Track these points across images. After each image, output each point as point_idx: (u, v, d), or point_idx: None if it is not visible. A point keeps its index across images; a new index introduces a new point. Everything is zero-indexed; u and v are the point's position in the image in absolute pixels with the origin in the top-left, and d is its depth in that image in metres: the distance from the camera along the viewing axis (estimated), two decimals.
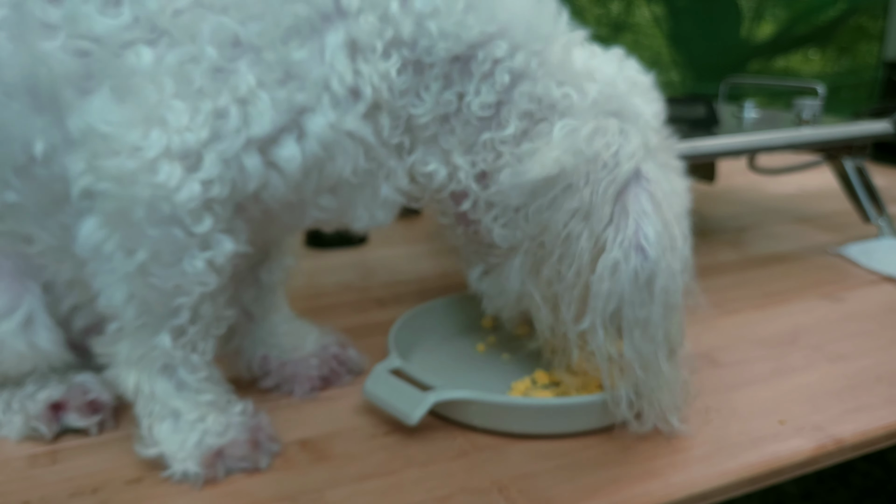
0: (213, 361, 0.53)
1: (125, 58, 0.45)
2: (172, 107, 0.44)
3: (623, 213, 0.49)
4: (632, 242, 0.49)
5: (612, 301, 0.49)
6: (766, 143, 0.93)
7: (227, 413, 0.52)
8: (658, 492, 0.49)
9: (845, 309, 0.79)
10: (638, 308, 0.50)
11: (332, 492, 0.49)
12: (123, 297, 0.48)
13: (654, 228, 0.49)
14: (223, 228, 0.47)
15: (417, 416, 0.53)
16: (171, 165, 0.44)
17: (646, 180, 0.50)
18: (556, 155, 0.50)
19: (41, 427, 0.55)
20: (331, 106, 0.47)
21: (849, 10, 1.77)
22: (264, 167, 0.47)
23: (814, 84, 1.03)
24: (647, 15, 1.70)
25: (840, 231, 1.07)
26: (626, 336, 0.50)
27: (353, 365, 0.64)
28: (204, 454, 0.50)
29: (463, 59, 0.50)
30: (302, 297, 0.82)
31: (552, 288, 0.53)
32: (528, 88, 0.51)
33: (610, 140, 0.50)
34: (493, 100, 0.51)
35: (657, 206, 0.50)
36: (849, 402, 0.60)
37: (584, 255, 0.50)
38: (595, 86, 0.51)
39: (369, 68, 0.48)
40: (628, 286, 0.49)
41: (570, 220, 0.50)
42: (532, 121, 0.52)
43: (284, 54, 0.45)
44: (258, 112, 0.45)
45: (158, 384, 0.51)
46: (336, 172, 0.49)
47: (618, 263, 0.49)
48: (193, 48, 0.44)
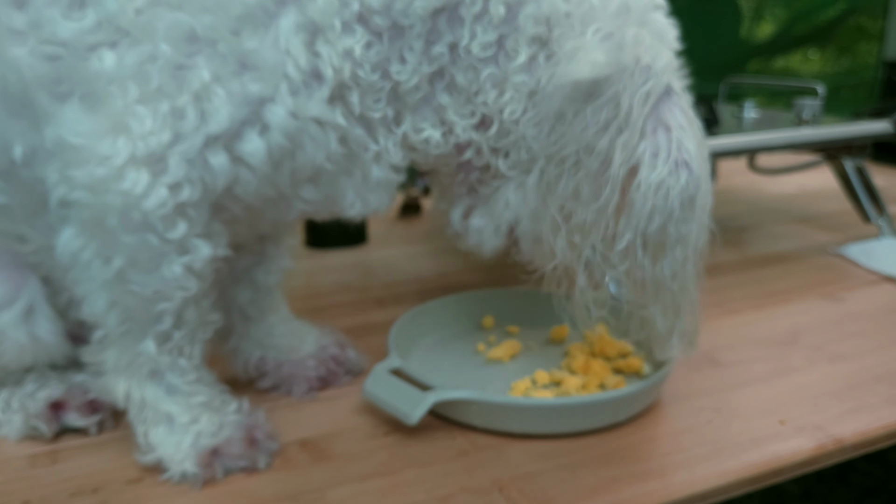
0: (205, 362, 0.53)
1: (90, 62, 0.44)
2: (136, 113, 0.44)
3: (662, 127, 0.48)
4: (677, 159, 0.47)
5: (655, 219, 0.48)
6: (766, 143, 0.93)
7: (221, 413, 0.52)
8: (658, 492, 0.49)
9: (845, 309, 0.79)
10: (682, 225, 0.48)
11: (332, 492, 0.49)
12: (104, 305, 0.48)
13: (692, 144, 0.48)
14: (199, 233, 0.47)
15: (417, 416, 0.53)
16: (137, 172, 0.44)
17: (677, 95, 0.49)
18: (605, 56, 0.47)
19: (41, 426, 0.55)
20: (290, 93, 0.45)
21: (849, 9, 1.77)
22: (231, 163, 0.46)
23: (814, 84, 1.03)
24: None
25: (840, 231, 1.07)
26: (669, 254, 0.49)
27: (351, 365, 0.64)
28: (200, 454, 0.50)
29: (448, 8, 0.48)
30: (301, 298, 0.82)
31: (570, 205, 0.50)
32: (532, 10, 0.49)
33: (642, 50, 0.48)
34: (493, 37, 0.49)
35: (691, 122, 0.49)
36: (849, 402, 0.60)
37: (619, 169, 0.47)
38: None
39: (328, 49, 0.46)
40: (677, 203, 0.47)
41: (604, 134, 0.48)
42: (542, 44, 0.49)
43: (237, 45, 0.44)
44: (214, 108, 0.44)
45: (148, 390, 0.51)
46: (308, 161, 0.48)
47: (664, 180, 0.47)
48: (150, 47, 0.44)
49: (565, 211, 0.51)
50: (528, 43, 0.49)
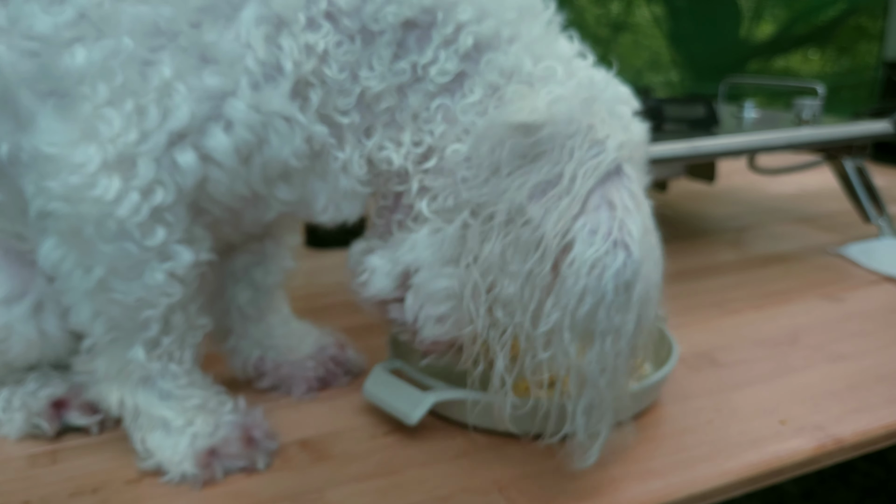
0: (202, 363, 0.53)
1: (63, 58, 0.44)
2: (104, 115, 0.43)
3: (606, 204, 0.43)
4: (617, 238, 0.43)
5: (586, 301, 0.43)
6: (766, 143, 0.93)
7: (217, 413, 0.52)
8: (658, 492, 0.49)
9: (845, 309, 0.79)
10: (614, 312, 0.43)
11: (332, 492, 0.49)
12: (89, 314, 0.48)
13: (637, 227, 0.43)
14: (180, 239, 0.47)
15: (417, 416, 0.53)
16: (108, 178, 0.43)
17: (627, 178, 0.45)
18: (543, 104, 0.44)
19: (43, 424, 0.55)
20: (250, 87, 0.44)
21: (848, 10, 1.77)
22: (199, 161, 0.45)
23: (814, 84, 1.03)
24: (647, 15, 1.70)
25: (840, 231, 1.07)
26: (597, 343, 0.44)
27: (351, 366, 0.64)
28: (197, 455, 0.50)
29: (420, 24, 0.47)
30: (301, 297, 0.81)
31: (494, 271, 0.46)
32: (497, 58, 0.47)
33: (598, 123, 0.45)
34: (453, 67, 0.47)
35: (639, 206, 0.45)
36: (849, 402, 0.60)
37: (551, 241, 0.43)
38: (582, 73, 0.47)
39: (290, 42, 0.44)
40: (611, 286, 0.43)
41: (539, 195, 0.44)
42: (490, 94, 0.47)
43: (197, 38, 0.44)
44: (175, 104, 0.43)
45: (140, 397, 0.51)
46: (275, 156, 0.47)
47: (599, 259, 0.42)
48: (114, 41, 0.43)
49: (489, 279, 0.46)
50: (483, 87, 0.47)
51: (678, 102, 1.02)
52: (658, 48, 1.71)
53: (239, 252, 0.61)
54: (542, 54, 0.47)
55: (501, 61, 0.47)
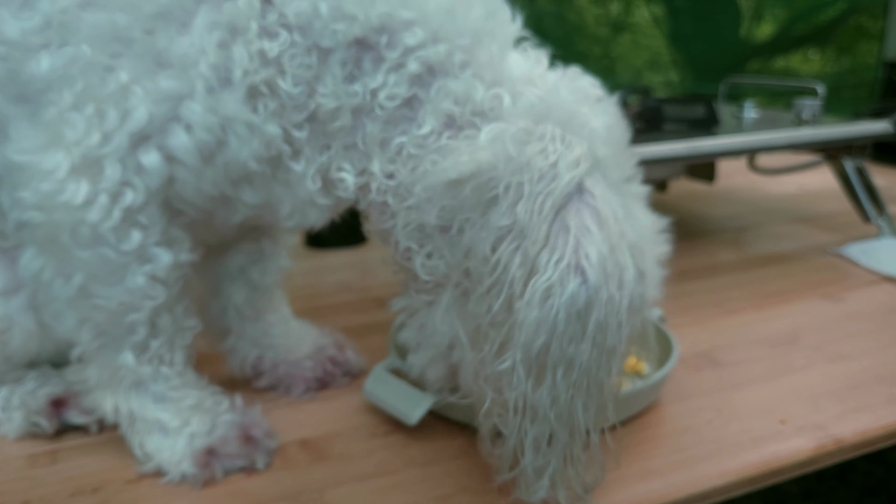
0: (195, 364, 0.53)
1: (29, 64, 0.45)
2: (68, 120, 0.44)
3: (562, 230, 0.41)
4: (570, 263, 0.40)
5: (540, 333, 0.40)
6: (766, 143, 0.93)
7: (213, 413, 0.52)
8: (658, 492, 0.49)
9: (845, 309, 0.79)
10: (566, 343, 0.40)
11: (332, 492, 0.49)
12: (74, 322, 0.48)
13: (597, 249, 0.40)
14: (157, 241, 0.47)
15: (417, 416, 0.53)
16: (76, 182, 0.44)
17: (590, 195, 0.41)
18: (478, 154, 0.42)
19: (42, 422, 0.55)
20: (205, 91, 0.44)
21: (849, 10, 1.77)
22: (163, 161, 0.45)
23: (814, 84, 1.03)
24: (646, 15, 1.70)
25: (840, 231, 1.07)
26: (548, 375, 0.41)
27: (349, 367, 0.64)
28: (195, 454, 0.50)
29: (372, 45, 0.46)
30: (301, 297, 0.81)
31: (479, 327, 0.44)
32: (448, 85, 0.45)
33: (547, 146, 0.42)
34: (403, 92, 0.46)
35: (603, 225, 0.41)
36: (849, 402, 0.60)
37: (516, 283, 0.41)
38: (534, 90, 0.45)
39: (241, 50, 0.44)
40: (562, 314, 0.39)
41: (500, 242, 0.41)
42: (455, 127, 0.45)
43: (151, 44, 0.44)
44: (132, 106, 0.44)
45: (134, 401, 0.51)
46: (234, 158, 0.46)
47: (551, 287, 0.40)
48: (75, 48, 0.44)
49: (471, 333, 0.45)
50: (436, 116, 0.46)
51: (678, 102, 1.02)
52: (658, 48, 1.71)
53: (235, 251, 0.61)
54: (492, 79, 0.46)
55: (454, 88, 0.45)
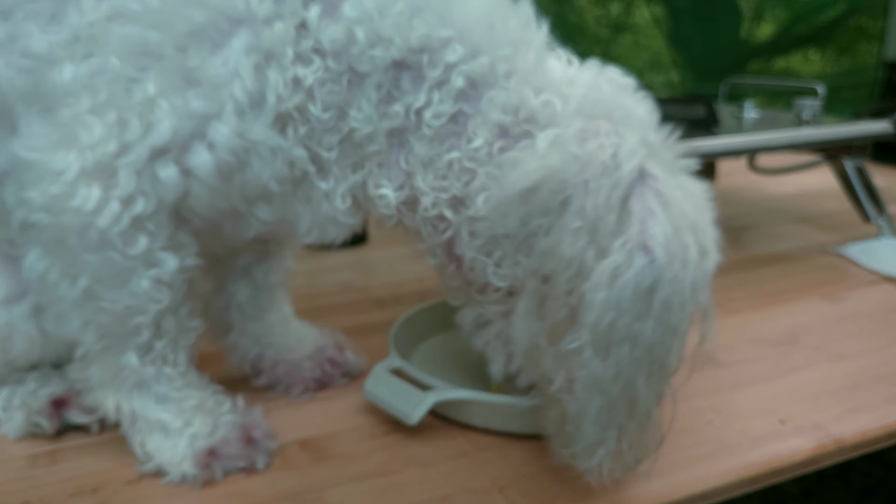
0: (197, 364, 0.53)
1: (52, 74, 0.44)
2: (84, 122, 0.43)
3: (628, 215, 0.42)
4: (636, 242, 0.41)
5: (607, 312, 0.41)
6: (766, 143, 0.93)
7: (215, 413, 0.52)
8: (658, 492, 0.49)
9: (845, 309, 0.79)
10: (632, 320, 0.41)
11: (332, 492, 0.49)
12: (79, 323, 0.48)
13: (662, 230, 0.41)
14: (164, 246, 0.47)
15: (417, 416, 0.53)
16: (88, 188, 0.43)
17: (651, 178, 0.43)
18: (540, 161, 0.43)
19: (43, 422, 0.55)
20: (235, 113, 0.44)
21: (849, 10, 1.77)
22: (180, 176, 0.45)
23: (814, 84, 1.03)
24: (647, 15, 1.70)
25: (840, 231, 1.07)
26: (613, 353, 0.42)
27: (349, 368, 0.64)
28: (197, 455, 0.50)
29: (413, 66, 0.46)
30: (302, 297, 0.81)
31: (558, 325, 0.45)
32: (498, 96, 0.46)
33: (604, 141, 0.43)
34: (450, 109, 0.46)
35: (666, 206, 0.42)
36: (849, 402, 0.60)
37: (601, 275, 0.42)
38: (578, 90, 0.46)
39: (277, 75, 0.45)
40: (629, 292, 0.41)
41: (576, 241, 0.42)
42: (508, 137, 0.46)
43: (182, 61, 0.44)
44: (157, 119, 0.43)
45: (136, 401, 0.51)
46: (255, 178, 0.47)
47: (618, 267, 0.41)
48: (101, 59, 0.44)
49: (551, 332, 0.45)
50: (489, 128, 0.46)
51: (678, 102, 1.02)
52: (658, 48, 1.71)
53: (241, 250, 0.61)
54: (538, 86, 0.47)
55: (503, 98, 0.46)
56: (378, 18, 0.45)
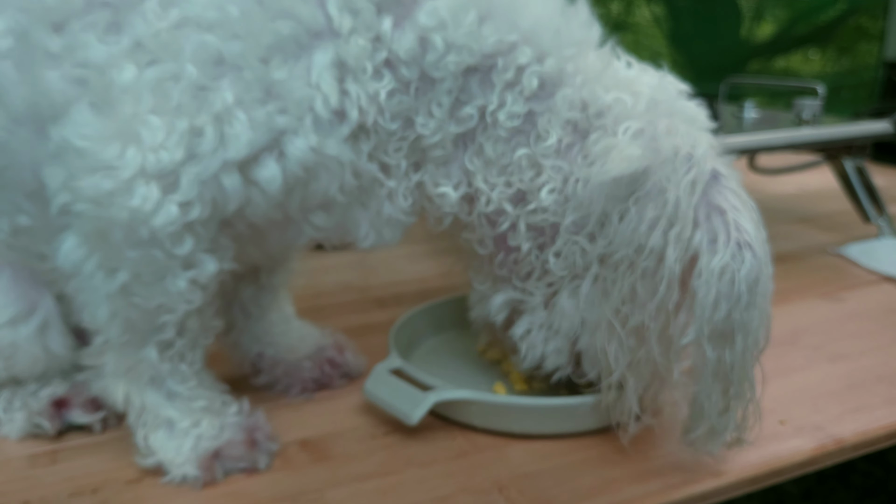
0: (205, 364, 0.53)
1: (109, 73, 0.44)
2: (148, 122, 0.43)
3: (716, 211, 0.46)
4: (738, 240, 0.45)
5: (721, 307, 0.45)
6: (766, 143, 0.93)
7: (222, 415, 0.52)
8: (658, 492, 0.49)
9: (845, 309, 0.79)
10: (745, 311, 0.45)
11: (332, 492, 0.49)
12: (106, 315, 0.48)
13: (751, 225, 0.46)
14: (206, 248, 0.46)
15: (417, 416, 0.53)
16: (147, 187, 0.43)
17: (724, 178, 0.47)
18: (638, 150, 0.46)
19: (44, 423, 0.55)
20: (313, 128, 0.45)
21: (849, 10, 1.77)
22: (244, 186, 0.45)
23: (814, 84, 1.03)
24: (647, 15, 1.70)
25: (840, 231, 1.07)
26: (730, 343, 0.46)
27: (348, 369, 0.64)
28: (200, 457, 0.50)
29: (481, 69, 0.48)
30: (302, 297, 0.81)
31: (626, 308, 0.48)
32: (569, 93, 0.49)
33: (683, 139, 0.47)
34: (522, 109, 0.49)
35: (744, 203, 0.46)
36: (849, 402, 0.60)
37: (675, 265, 0.45)
38: (647, 90, 0.49)
39: (358, 89, 0.46)
40: (744, 287, 0.44)
41: (653, 230, 0.45)
42: (577, 132, 0.49)
43: (264, 73, 0.44)
44: (235, 133, 0.43)
45: (148, 396, 0.51)
46: (321, 191, 0.47)
47: (727, 265, 0.44)
48: (174, 66, 0.43)
49: (621, 315, 0.48)
50: (561, 125, 0.49)
51: None
52: (658, 48, 1.71)
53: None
54: (607, 84, 0.49)
55: (573, 96, 0.49)
56: (452, 26, 0.46)
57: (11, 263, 0.54)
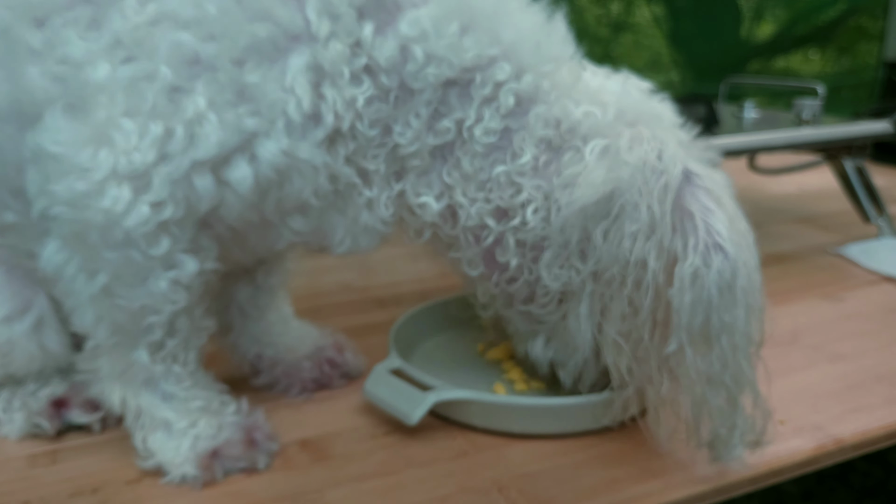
0: (203, 364, 0.53)
1: (84, 71, 0.44)
2: (121, 126, 0.43)
3: (687, 216, 0.45)
4: (707, 243, 0.44)
5: (697, 312, 0.44)
6: (766, 143, 0.93)
7: (220, 415, 0.52)
8: (658, 492, 0.49)
9: (845, 309, 0.79)
10: (724, 312, 0.45)
11: (332, 492, 0.49)
12: (93, 318, 0.48)
13: (722, 224, 0.45)
14: (185, 248, 0.46)
15: (417, 416, 0.53)
16: (118, 188, 0.43)
17: (697, 177, 0.47)
18: (602, 173, 0.46)
19: (43, 423, 0.55)
20: (285, 131, 0.44)
21: (849, 10, 1.77)
22: (216, 186, 0.45)
23: (814, 84, 1.03)
24: (647, 15, 1.70)
25: (840, 231, 1.07)
26: (714, 346, 0.45)
27: (348, 369, 0.64)
28: (199, 456, 0.50)
29: (460, 83, 0.48)
30: (302, 297, 0.81)
31: (627, 323, 0.48)
32: (543, 111, 0.48)
33: (648, 146, 0.46)
34: (498, 125, 0.48)
35: (718, 201, 0.46)
36: (849, 402, 0.60)
37: (657, 274, 0.46)
38: (613, 98, 0.49)
39: (334, 93, 0.45)
40: (714, 290, 0.44)
41: (635, 243, 0.46)
42: (552, 149, 0.49)
43: (237, 75, 0.43)
44: (205, 133, 0.43)
45: (144, 398, 0.51)
46: (295, 193, 0.47)
47: (698, 269, 0.44)
48: (149, 64, 0.43)
49: (623, 330, 0.49)
50: (535, 143, 0.49)
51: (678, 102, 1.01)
52: (658, 48, 1.71)
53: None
54: (578, 98, 0.49)
55: (548, 114, 0.48)
56: (434, 38, 0.46)
57: (5, 261, 0.54)
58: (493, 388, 0.61)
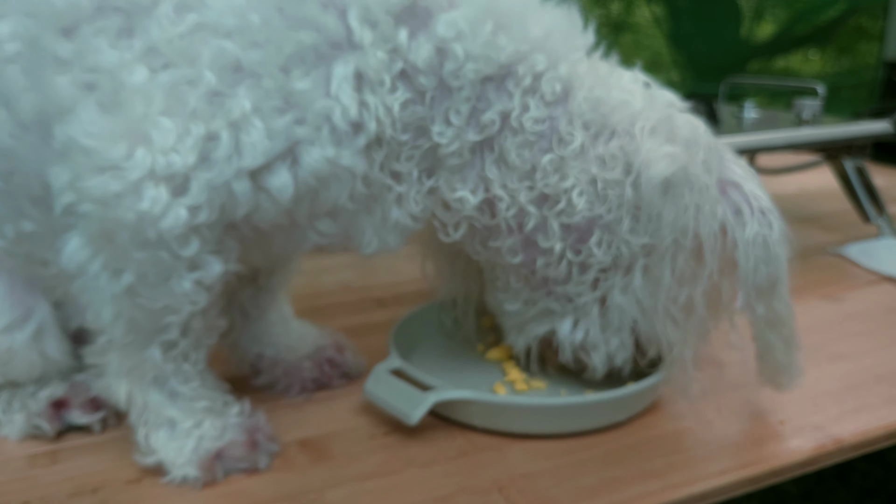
0: (208, 364, 0.53)
1: (118, 76, 0.43)
2: (159, 123, 0.42)
3: (730, 185, 0.51)
4: (760, 209, 0.50)
5: (761, 269, 0.50)
6: (766, 143, 0.93)
7: (224, 416, 0.52)
8: (658, 492, 0.49)
9: (845, 309, 0.79)
10: (782, 264, 0.51)
11: (332, 492, 0.49)
12: (111, 316, 0.47)
13: (760, 189, 0.51)
14: (212, 250, 0.46)
15: (417, 416, 0.53)
16: (156, 189, 0.42)
17: (724, 151, 0.52)
18: (668, 149, 0.49)
19: (43, 424, 0.54)
20: (330, 139, 0.45)
21: (849, 10, 1.77)
22: (254, 192, 0.45)
23: (814, 84, 1.03)
24: (647, 15, 1.70)
25: (840, 231, 1.07)
26: (776, 295, 0.52)
27: (348, 369, 0.64)
28: (202, 458, 0.50)
29: (495, 78, 0.49)
30: (302, 297, 0.81)
31: (684, 290, 0.52)
32: (583, 96, 0.51)
33: (685, 126, 0.51)
34: (544, 114, 0.50)
35: (746, 171, 0.52)
36: (849, 402, 0.60)
37: (713, 240, 0.50)
38: (640, 88, 0.52)
39: (376, 101, 0.46)
40: (779, 248, 0.51)
41: (687, 213, 0.50)
42: (595, 133, 0.51)
43: (284, 82, 0.44)
44: (252, 141, 0.43)
45: (151, 395, 0.50)
46: (331, 199, 0.48)
47: (758, 232, 0.50)
48: (191, 71, 0.43)
49: (673, 296, 0.52)
50: (581, 128, 0.51)
51: None
52: (658, 48, 1.71)
53: None
54: (609, 84, 0.52)
55: (588, 100, 0.51)
56: (471, 37, 0.47)
57: (8, 271, 0.54)
58: (494, 388, 0.61)
